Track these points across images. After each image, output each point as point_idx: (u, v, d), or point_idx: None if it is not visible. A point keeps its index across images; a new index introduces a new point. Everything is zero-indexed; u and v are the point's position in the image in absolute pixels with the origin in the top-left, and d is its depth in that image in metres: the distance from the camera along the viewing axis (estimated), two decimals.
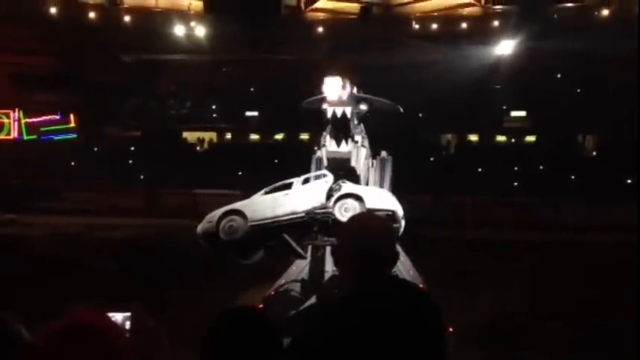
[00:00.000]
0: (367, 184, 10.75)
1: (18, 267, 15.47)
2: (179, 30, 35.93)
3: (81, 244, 20.43)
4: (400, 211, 9.75)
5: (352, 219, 3.34)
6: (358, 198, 9.82)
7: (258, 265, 10.65)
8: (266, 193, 10.38)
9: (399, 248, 10.11)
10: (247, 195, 11.32)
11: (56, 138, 37.79)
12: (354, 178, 10.38)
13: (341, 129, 9.96)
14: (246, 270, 11.25)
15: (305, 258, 10.01)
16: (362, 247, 2.78)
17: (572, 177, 31.01)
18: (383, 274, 2.79)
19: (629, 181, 26.83)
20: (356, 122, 10.45)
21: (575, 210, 26.36)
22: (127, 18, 35.65)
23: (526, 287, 13.78)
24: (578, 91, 35.35)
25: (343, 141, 10.00)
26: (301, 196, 10.07)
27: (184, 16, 36.15)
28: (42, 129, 38.10)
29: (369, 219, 3.29)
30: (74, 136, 37.92)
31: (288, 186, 10.35)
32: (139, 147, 35.88)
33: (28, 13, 34.44)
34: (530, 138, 36.83)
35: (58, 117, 38.21)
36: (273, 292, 9.70)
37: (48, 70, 36.36)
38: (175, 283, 14.04)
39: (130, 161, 35.04)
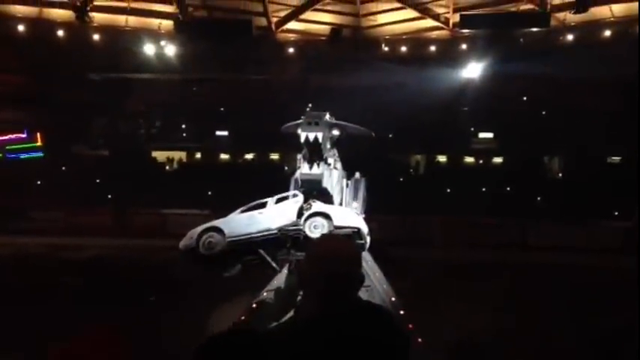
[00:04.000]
0: (341, 204, 11.17)
1: None
2: (149, 49, 35.77)
3: (47, 264, 20.10)
4: (365, 229, 10.45)
5: (318, 242, 3.37)
6: (326, 216, 10.46)
7: (228, 282, 10.95)
8: (242, 211, 11.03)
9: (373, 263, 10.51)
10: (216, 215, 11.67)
11: (22, 157, 37.27)
12: (326, 198, 10.85)
13: (314, 152, 10.43)
14: (216, 287, 11.41)
15: (279, 271, 10.44)
16: (327, 270, 2.79)
17: (539, 198, 31.52)
18: (347, 297, 2.82)
19: (594, 202, 27.34)
20: (329, 146, 10.88)
21: (542, 231, 26.77)
22: (95, 36, 35.40)
23: (493, 307, 13.89)
24: (544, 113, 36.05)
25: (315, 164, 10.47)
26: (274, 215, 10.70)
27: (154, 35, 36.01)
28: (7, 147, 37.57)
29: (334, 242, 3.24)
30: (41, 155, 37.44)
31: (263, 205, 10.96)
32: (106, 166, 35.50)
33: None
34: (498, 159, 37.39)
35: (24, 135, 37.74)
36: (255, 305, 9.96)
37: (14, 88, 35.92)
38: (142, 303, 13.89)
39: (98, 180, 34.64)
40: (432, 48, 36.02)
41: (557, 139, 33.24)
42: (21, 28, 34.79)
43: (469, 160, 37.92)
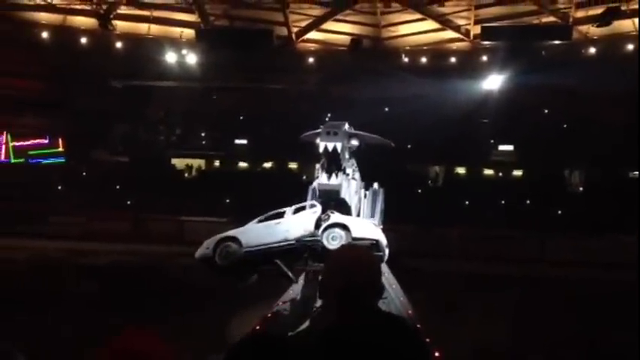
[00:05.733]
0: (359, 215, 11.10)
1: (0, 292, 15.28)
2: (170, 57, 36.08)
3: (66, 269, 20.21)
4: (384, 241, 10.31)
5: (338, 252, 3.36)
6: (345, 227, 10.33)
7: (244, 290, 10.92)
8: (260, 221, 10.94)
9: (391, 275, 10.43)
10: (234, 223, 11.65)
11: (44, 162, 37.69)
12: (344, 209, 10.74)
13: (332, 162, 10.37)
14: (232, 296, 11.38)
15: (295, 282, 10.39)
16: (347, 280, 2.78)
17: (559, 212, 31.22)
18: (367, 307, 2.81)
19: (614, 217, 27.03)
20: (347, 156, 10.81)
21: (561, 245, 26.48)
22: (118, 44, 35.76)
23: (510, 321, 13.77)
24: (565, 126, 35.79)
25: (334, 174, 10.41)
26: (292, 225, 10.62)
27: (176, 43, 36.32)
28: (30, 152, 38.06)
29: (354, 252, 3.22)
30: (62, 160, 37.85)
31: (281, 215, 10.90)
32: (126, 172, 35.77)
33: (19, 37, 34.53)
34: (518, 172, 37.14)
35: (46, 141, 38.21)
36: (270, 315, 9.93)
37: (38, 94, 36.38)
38: (160, 310, 13.92)
39: (118, 187, 34.90)
40: (453, 59, 35.94)
41: (578, 153, 32.93)
42: (45, 35, 35.23)
43: (488, 172, 37.67)
